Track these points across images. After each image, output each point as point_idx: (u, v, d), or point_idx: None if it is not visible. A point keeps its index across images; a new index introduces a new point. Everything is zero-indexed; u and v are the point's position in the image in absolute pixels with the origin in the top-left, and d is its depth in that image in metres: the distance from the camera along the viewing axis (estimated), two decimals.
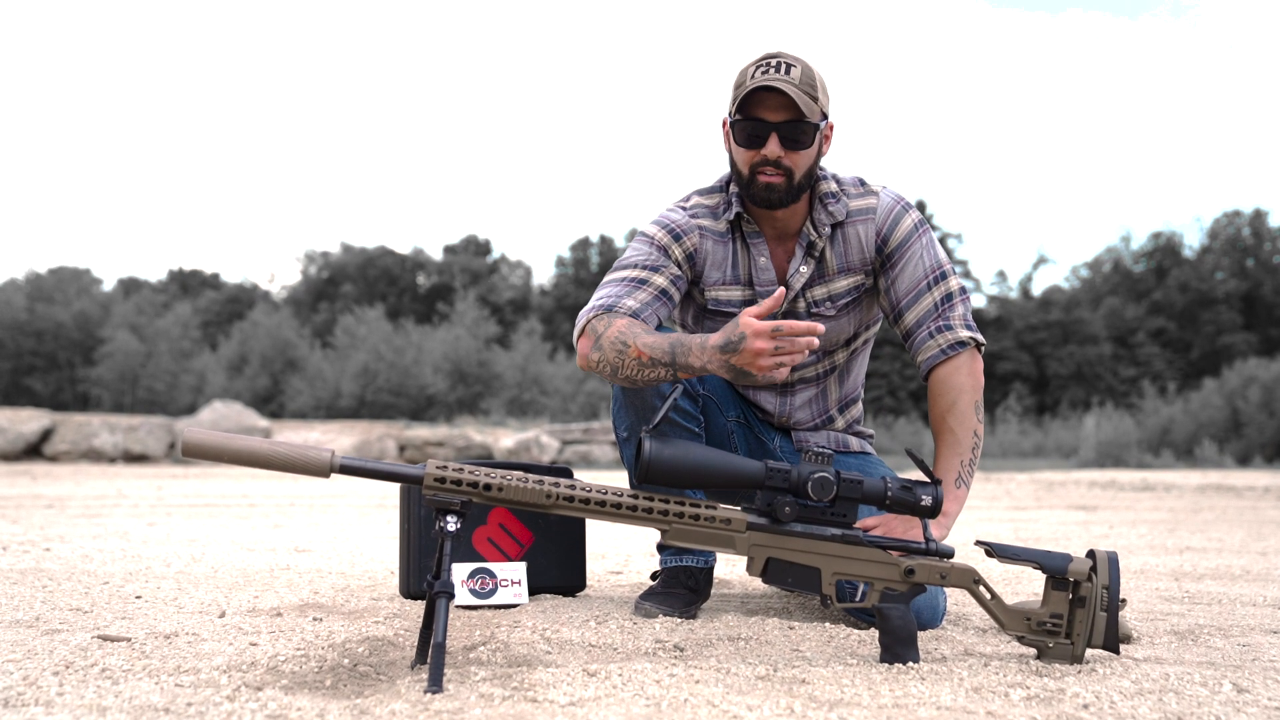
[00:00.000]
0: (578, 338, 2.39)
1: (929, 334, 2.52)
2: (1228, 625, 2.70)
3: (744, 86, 2.40)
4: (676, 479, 2.00)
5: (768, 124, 2.39)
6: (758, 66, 2.41)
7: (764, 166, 2.42)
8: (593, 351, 2.33)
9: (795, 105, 2.37)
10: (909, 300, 2.54)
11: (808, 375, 2.67)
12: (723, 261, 2.57)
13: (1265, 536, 5.77)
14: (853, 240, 2.56)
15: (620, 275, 2.48)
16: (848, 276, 2.58)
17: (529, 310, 46.60)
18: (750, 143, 2.42)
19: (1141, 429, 27.66)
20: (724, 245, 2.57)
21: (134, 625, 2.34)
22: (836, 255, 2.56)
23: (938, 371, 2.50)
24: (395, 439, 16.42)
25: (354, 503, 7.65)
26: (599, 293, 2.46)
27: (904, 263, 2.54)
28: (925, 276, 2.54)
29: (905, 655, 2.03)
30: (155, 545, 4.32)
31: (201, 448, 1.83)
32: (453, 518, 1.88)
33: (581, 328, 2.38)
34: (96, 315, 41.15)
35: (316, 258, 52.32)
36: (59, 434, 14.69)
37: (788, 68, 2.39)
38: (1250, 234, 46.48)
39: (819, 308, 2.58)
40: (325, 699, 1.70)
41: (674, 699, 1.72)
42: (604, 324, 2.34)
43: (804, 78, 2.39)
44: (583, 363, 2.37)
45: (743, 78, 2.43)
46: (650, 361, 2.26)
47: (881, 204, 2.56)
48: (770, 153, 2.40)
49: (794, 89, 2.36)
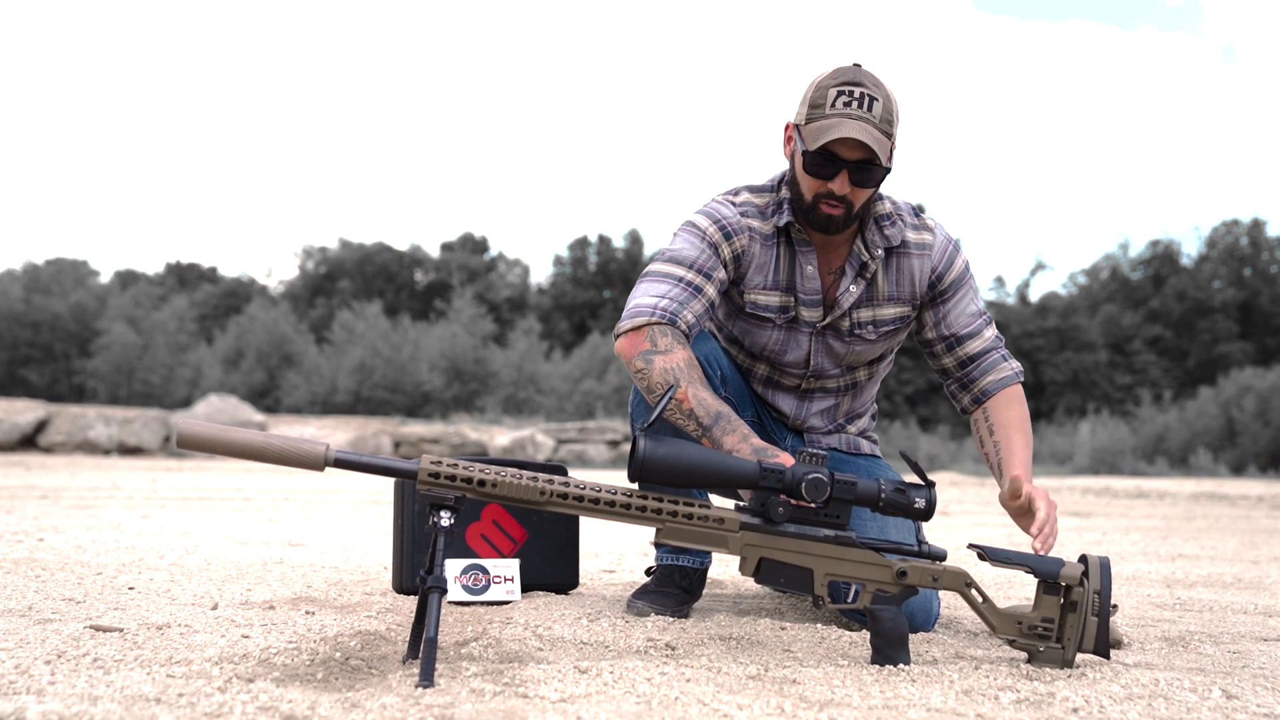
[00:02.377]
0: (631, 329, 2.34)
1: (1001, 357, 2.62)
2: (1218, 632, 2.71)
3: (822, 113, 2.34)
4: (671, 478, 2.00)
5: (841, 161, 2.35)
6: (840, 93, 2.33)
7: (828, 199, 2.39)
8: (639, 359, 2.31)
9: (871, 149, 2.33)
10: (972, 330, 2.61)
11: (829, 385, 2.68)
12: (766, 265, 2.53)
13: (1258, 545, 5.78)
14: (907, 272, 2.56)
15: (676, 273, 2.42)
16: (896, 306, 2.58)
17: (526, 309, 46.63)
18: (819, 174, 2.37)
19: (1136, 436, 27.71)
20: (769, 249, 2.53)
21: (126, 616, 2.34)
22: (889, 282, 2.56)
23: (1014, 389, 2.61)
24: (390, 435, 16.42)
25: (348, 498, 7.65)
26: (654, 285, 2.40)
27: (959, 296, 2.60)
28: (981, 314, 2.63)
29: (896, 657, 2.04)
30: (149, 537, 4.32)
31: (196, 439, 1.83)
32: (446, 513, 1.88)
33: (640, 324, 2.34)
34: (93, 307, 41.10)
35: (314, 253, 52.31)
36: (54, 425, 14.67)
37: (870, 102, 2.32)
38: (1248, 243, 46.56)
39: (861, 329, 2.58)
40: (317, 691, 1.70)
41: (665, 697, 1.72)
42: (665, 342, 2.31)
43: (883, 114, 2.34)
44: (624, 358, 2.35)
45: (820, 99, 2.35)
46: (689, 413, 2.25)
47: (938, 242, 2.58)
48: (838, 188, 2.37)
49: (874, 134, 2.31)
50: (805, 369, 2.62)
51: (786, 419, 2.71)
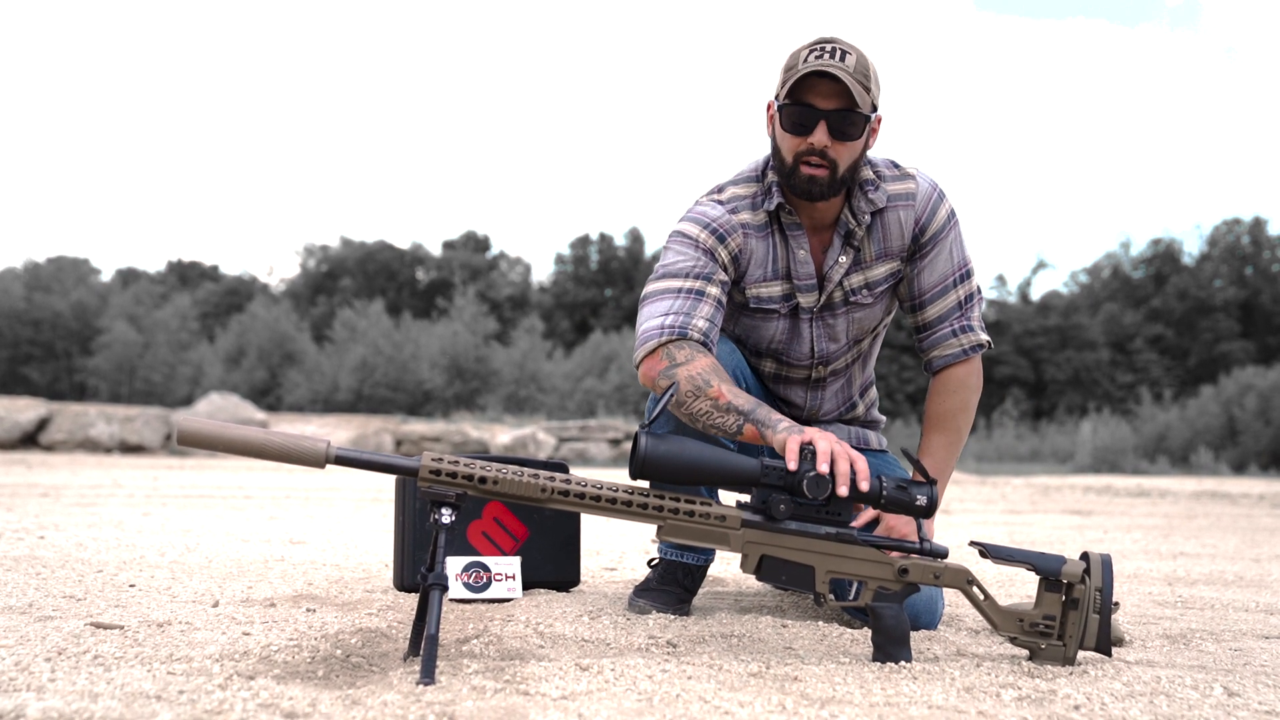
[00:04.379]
0: (646, 355, 2.30)
1: (952, 331, 2.52)
2: (1220, 630, 2.70)
3: (795, 70, 2.29)
4: (672, 475, 2.00)
5: (817, 111, 2.29)
6: (811, 50, 2.30)
7: (809, 156, 2.32)
8: (662, 377, 2.26)
9: (848, 93, 2.27)
10: (934, 294, 2.51)
11: (838, 367, 2.63)
12: (764, 257, 2.48)
13: (1259, 543, 5.77)
14: (892, 226, 2.48)
15: (674, 285, 2.37)
16: (886, 263, 2.51)
17: (528, 307, 46.63)
18: (797, 129, 2.31)
19: (1138, 435, 27.70)
20: (764, 240, 2.47)
21: (127, 613, 2.34)
22: (875, 242, 2.49)
23: (956, 370, 2.52)
24: (392, 433, 16.42)
25: (349, 496, 7.65)
26: (656, 305, 2.35)
27: (935, 254, 2.50)
28: (953, 272, 2.52)
29: (897, 654, 2.03)
30: (150, 535, 4.32)
31: (197, 436, 1.82)
32: (447, 510, 1.88)
33: (652, 347, 2.29)
34: (94, 305, 41.12)
35: (316, 251, 52.33)
36: (55, 423, 14.68)
37: (843, 54, 2.28)
38: (1249, 242, 46.53)
39: (856, 296, 2.52)
40: (317, 689, 1.70)
41: (666, 694, 1.72)
42: (684, 353, 2.27)
43: (858, 66, 2.28)
44: (647, 382, 2.31)
45: (794, 60, 2.32)
46: (727, 406, 2.18)
47: (920, 189, 2.48)
48: (817, 141, 2.30)
49: (848, 76, 2.25)
50: (812, 358, 2.58)
51: (801, 411, 2.68)
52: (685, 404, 2.23)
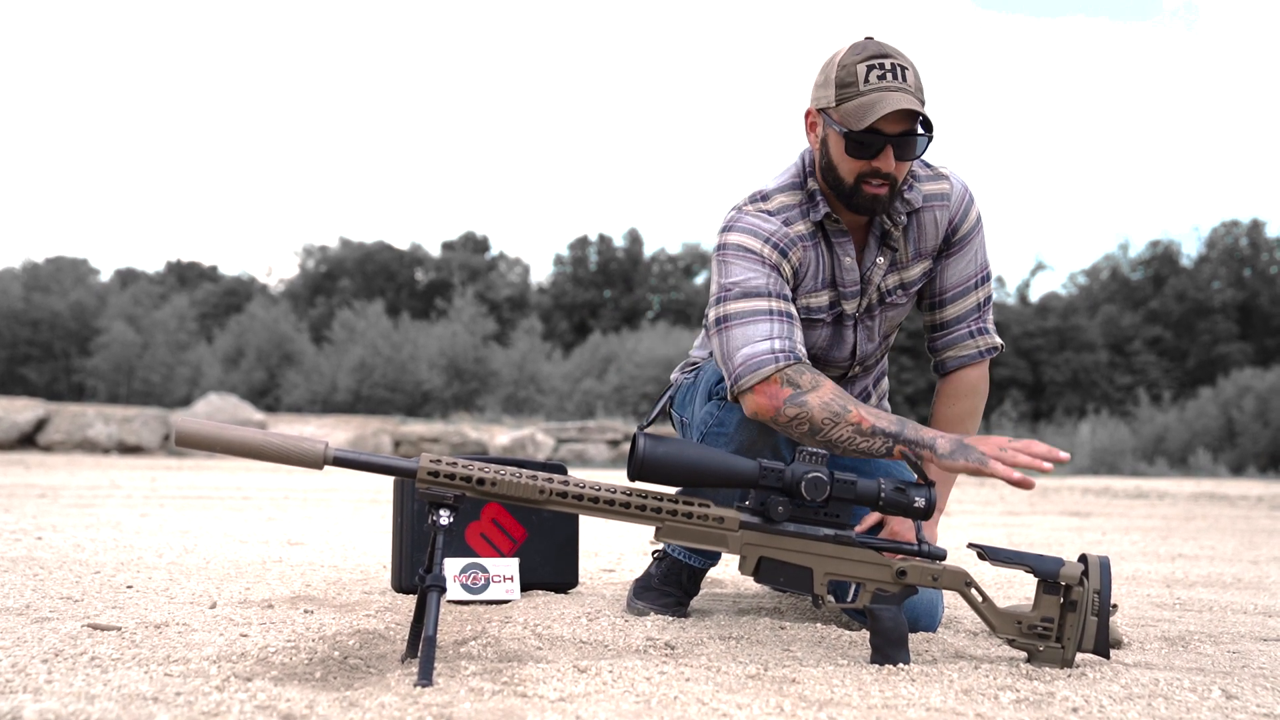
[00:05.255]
0: (759, 383, 2.20)
1: (969, 332, 2.52)
2: (1218, 632, 2.70)
3: (858, 91, 2.20)
4: (671, 477, 2.00)
5: (884, 136, 2.22)
6: (870, 68, 2.20)
7: (872, 178, 2.26)
8: (789, 405, 2.17)
9: (915, 116, 2.21)
10: (955, 294, 2.50)
11: (870, 364, 2.62)
12: (815, 267, 2.41)
13: (1257, 545, 5.78)
14: (928, 226, 2.45)
15: (762, 306, 2.27)
16: (920, 263, 2.48)
17: (527, 308, 46.62)
18: (862, 154, 2.24)
19: (1136, 437, 27.71)
20: (815, 250, 2.40)
21: (124, 615, 2.34)
22: (911, 242, 2.46)
23: (968, 373, 2.52)
24: (390, 434, 16.42)
25: (347, 497, 7.65)
26: (754, 328, 2.25)
27: (961, 254, 2.48)
28: (975, 274, 2.51)
29: (896, 657, 2.03)
30: (147, 536, 4.31)
31: (195, 437, 1.82)
32: (446, 512, 1.88)
33: (768, 374, 2.20)
34: (93, 306, 41.08)
35: (314, 252, 52.30)
36: (53, 424, 14.67)
37: (903, 72, 2.20)
38: (1248, 244, 46.56)
39: (891, 296, 2.49)
40: (315, 690, 1.70)
41: (664, 696, 1.71)
42: (806, 379, 2.19)
43: (916, 82, 2.22)
44: (766, 413, 2.20)
45: (849, 76, 2.22)
46: (871, 430, 2.14)
47: (955, 190, 2.45)
48: (884, 165, 2.24)
49: (914, 100, 2.19)
50: (851, 359, 2.55)
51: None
52: (822, 431, 2.17)
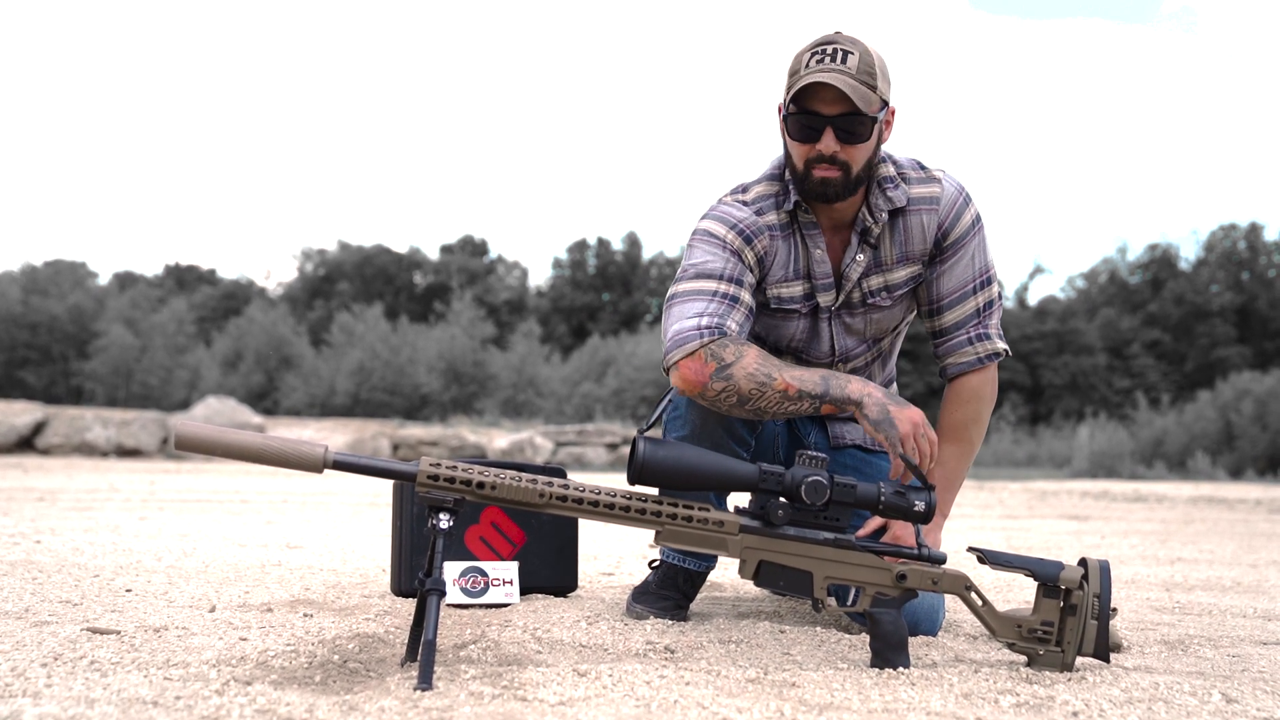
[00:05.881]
0: (684, 358, 2.21)
1: (968, 339, 2.51)
2: (1218, 636, 2.70)
3: (798, 76, 2.27)
4: (671, 481, 2.00)
5: (822, 118, 2.26)
6: (812, 54, 2.28)
7: (820, 162, 2.30)
8: (715, 380, 2.19)
9: (850, 98, 2.24)
10: (952, 300, 2.49)
11: (858, 365, 2.61)
12: (786, 257, 2.45)
13: (1256, 549, 5.78)
14: (915, 230, 2.45)
15: (707, 287, 2.32)
16: (907, 266, 2.48)
17: (525, 311, 46.61)
18: (805, 136, 2.29)
19: (1135, 440, 27.69)
20: (787, 241, 2.45)
21: (123, 618, 2.34)
22: (896, 244, 2.46)
23: (970, 378, 2.51)
24: (389, 438, 16.41)
25: (347, 500, 7.64)
26: (689, 305, 2.29)
27: (956, 259, 2.47)
28: (974, 279, 2.49)
29: (896, 660, 2.03)
30: (146, 539, 4.31)
31: (194, 441, 1.82)
32: (445, 515, 1.88)
33: (693, 349, 2.21)
34: (91, 309, 41.04)
35: (313, 255, 52.30)
36: (51, 427, 14.66)
37: (844, 55, 2.25)
38: (1246, 247, 46.59)
39: (875, 298, 2.49)
40: (314, 694, 1.69)
41: (664, 700, 1.71)
42: (730, 351, 2.20)
43: (861, 65, 2.25)
44: (691, 388, 2.21)
45: (797, 65, 2.30)
46: (798, 395, 2.16)
47: (945, 193, 2.45)
48: (825, 148, 2.28)
49: (849, 81, 2.23)
50: (832, 356, 2.55)
51: None
52: (750, 401, 2.19)
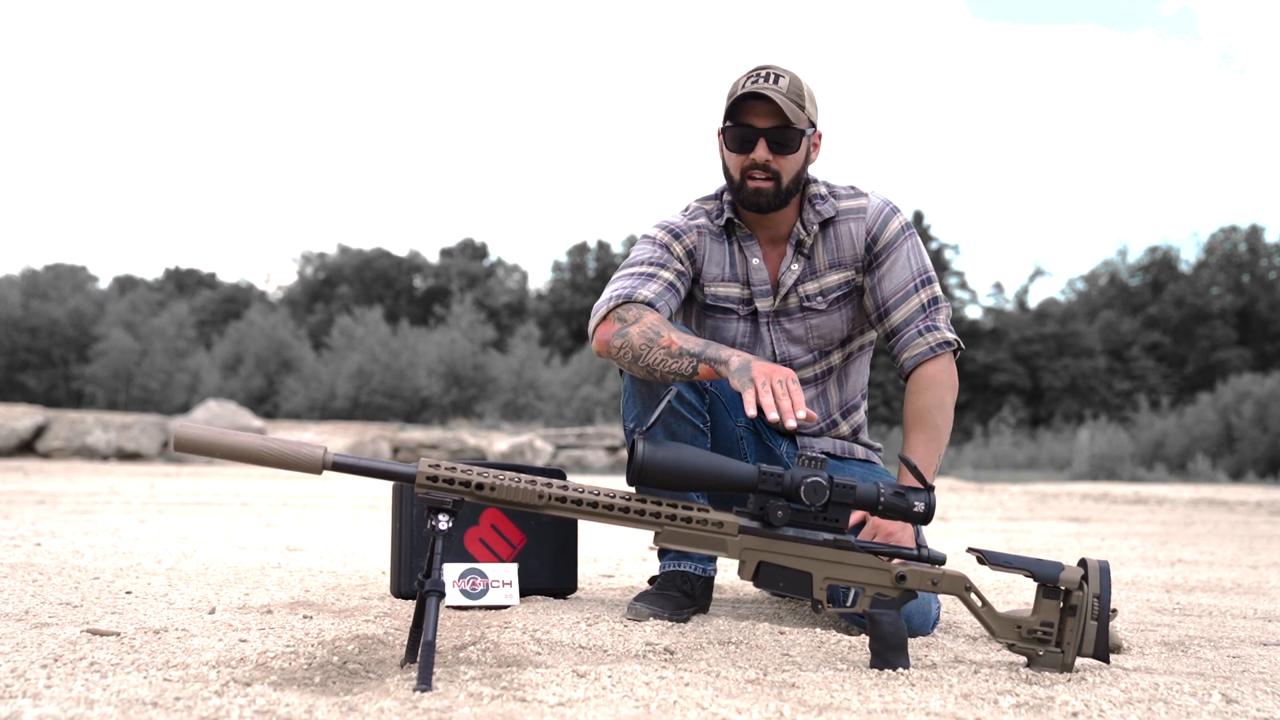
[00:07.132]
0: (598, 323, 2.47)
1: (918, 332, 2.61)
2: (1218, 637, 2.70)
3: (734, 94, 2.52)
4: (670, 481, 2.00)
5: (756, 130, 2.50)
6: (748, 77, 2.52)
7: (753, 171, 2.52)
8: (615, 338, 2.41)
9: (782, 112, 2.48)
10: (896, 300, 2.63)
11: (806, 376, 2.70)
12: (721, 259, 2.67)
13: (1256, 550, 5.77)
14: (844, 237, 2.64)
15: (630, 271, 2.57)
16: (839, 271, 2.65)
17: (525, 314, 46.65)
18: (740, 147, 2.53)
19: (1135, 442, 27.69)
20: (721, 244, 2.67)
21: (123, 620, 2.34)
22: (828, 251, 2.65)
23: (926, 368, 2.59)
24: (389, 441, 16.42)
25: (346, 503, 7.64)
26: (612, 287, 2.53)
27: (891, 262, 2.63)
28: (913, 279, 2.63)
29: (895, 661, 2.03)
30: (146, 542, 4.31)
31: (194, 443, 1.82)
32: (444, 517, 1.88)
33: (604, 314, 2.46)
34: (91, 313, 41.04)
35: (313, 258, 52.35)
36: (52, 431, 14.66)
37: (776, 78, 2.50)
38: (1246, 250, 46.62)
39: (810, 302, 2.66)
40: (314, 695, 1.70)
41: (663, 701, 1.71)
42: (632, 314, 2.44)
43: (792, 88, 2.50)
44: (601, 348, 2.45)
45: (734, 88, 2.54)
46: (679, 352, 2.33)
47: (871, 205, 2.65)
48: (759, 157, 2.50)
49: (781, 97, 2.47)
50: (774, 361, 2.65)
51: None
52: (641, 357, 2.38)
